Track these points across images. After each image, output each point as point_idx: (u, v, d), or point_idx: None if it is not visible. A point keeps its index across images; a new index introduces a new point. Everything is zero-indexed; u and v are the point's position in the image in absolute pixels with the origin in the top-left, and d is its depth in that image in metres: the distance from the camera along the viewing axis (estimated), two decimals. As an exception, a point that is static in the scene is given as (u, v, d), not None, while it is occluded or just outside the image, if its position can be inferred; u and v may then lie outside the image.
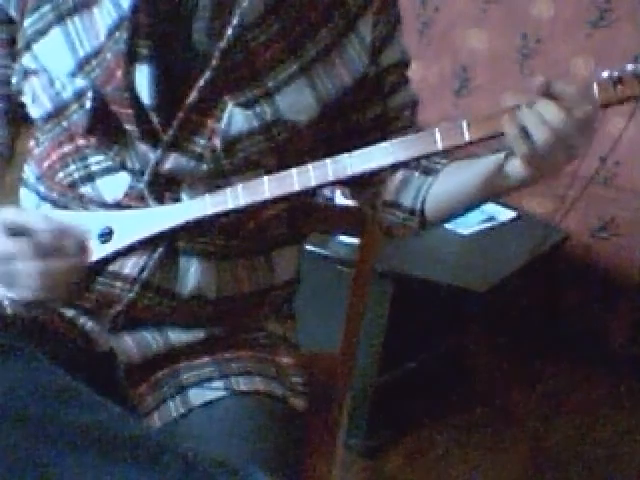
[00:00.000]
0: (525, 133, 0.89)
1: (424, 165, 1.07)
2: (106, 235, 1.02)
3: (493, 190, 0.99)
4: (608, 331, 2.74)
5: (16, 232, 0.98)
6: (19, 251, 0.96)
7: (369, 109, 1.09)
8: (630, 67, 0.89)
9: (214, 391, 1.07)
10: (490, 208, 2.33)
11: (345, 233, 1.68)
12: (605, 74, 0.90)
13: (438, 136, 0.94)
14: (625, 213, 2.64)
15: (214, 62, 0.98)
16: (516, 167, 0.93)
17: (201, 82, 0.99)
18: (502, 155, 0.95)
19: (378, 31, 1.06)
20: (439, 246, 2.16)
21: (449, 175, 1.06)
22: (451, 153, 1.00)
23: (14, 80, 1.06)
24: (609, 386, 2.60)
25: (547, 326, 2.76)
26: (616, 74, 0.90)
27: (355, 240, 1.39)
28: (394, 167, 1.01)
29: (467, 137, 0.93)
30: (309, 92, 1.03)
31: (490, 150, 0.99)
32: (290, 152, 1.04)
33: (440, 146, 0.94)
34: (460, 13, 2.80)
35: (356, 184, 1.11)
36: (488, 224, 2.31)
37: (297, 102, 1.03)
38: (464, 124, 0.93)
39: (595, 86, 0.90)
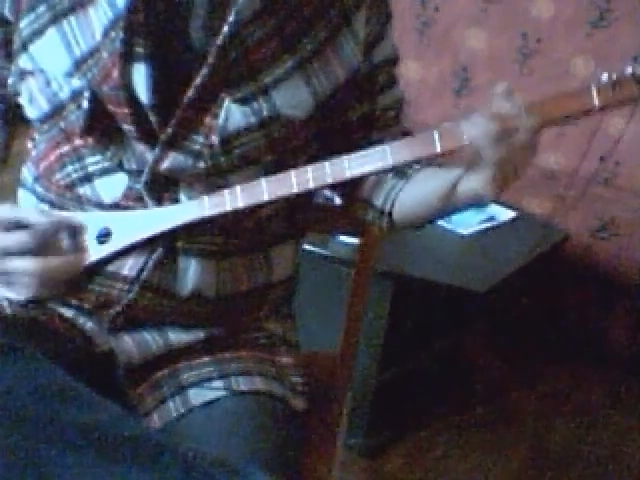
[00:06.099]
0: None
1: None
2: (104, 236, 1.02)
3: (450, 202, 0.98)
4: (608, 331, 2.74)
5: (12, 228, 0.99)
6: (16, 244, 0.97)
7: (360, 106, 1.09)
8: (628, 70, 0.90)
9: (214, 391, 1.07)
10: (490, 208, 2.33)
11: (345, 233, 1.68)
12: (603, 77, 0.90)
13: (437, 138, 0.94)
14: (625, 213, 2.64)
15: (210, 59, 0.98)
16: (471, 180, 0.93)
17: (198, 79, 0.98)
18: (459, 169, 0.95)
19: (371, 27, 1.06)
20: (439, 246, 2.16)
21: (418, 182, 1.06)
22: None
23: (10, 81, 1.06)
24: (609, 386, 2.60)
25: (547, 326, 2.76)
26: (614, 77, 0.90)
27: (355, 240, 1.39)
28: (392, 170, 1.00)
29: (466, 139, 0.93)
30: (305, 88, 1.03)
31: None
32: (286, 148, 1.04)
33: (439, 148, 0.94)
34: (460, 13, 2.80)
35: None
36: (488, 224, 2.31)
37: (293, 98, 1.03)
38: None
39: (594, 89, 0.90)
